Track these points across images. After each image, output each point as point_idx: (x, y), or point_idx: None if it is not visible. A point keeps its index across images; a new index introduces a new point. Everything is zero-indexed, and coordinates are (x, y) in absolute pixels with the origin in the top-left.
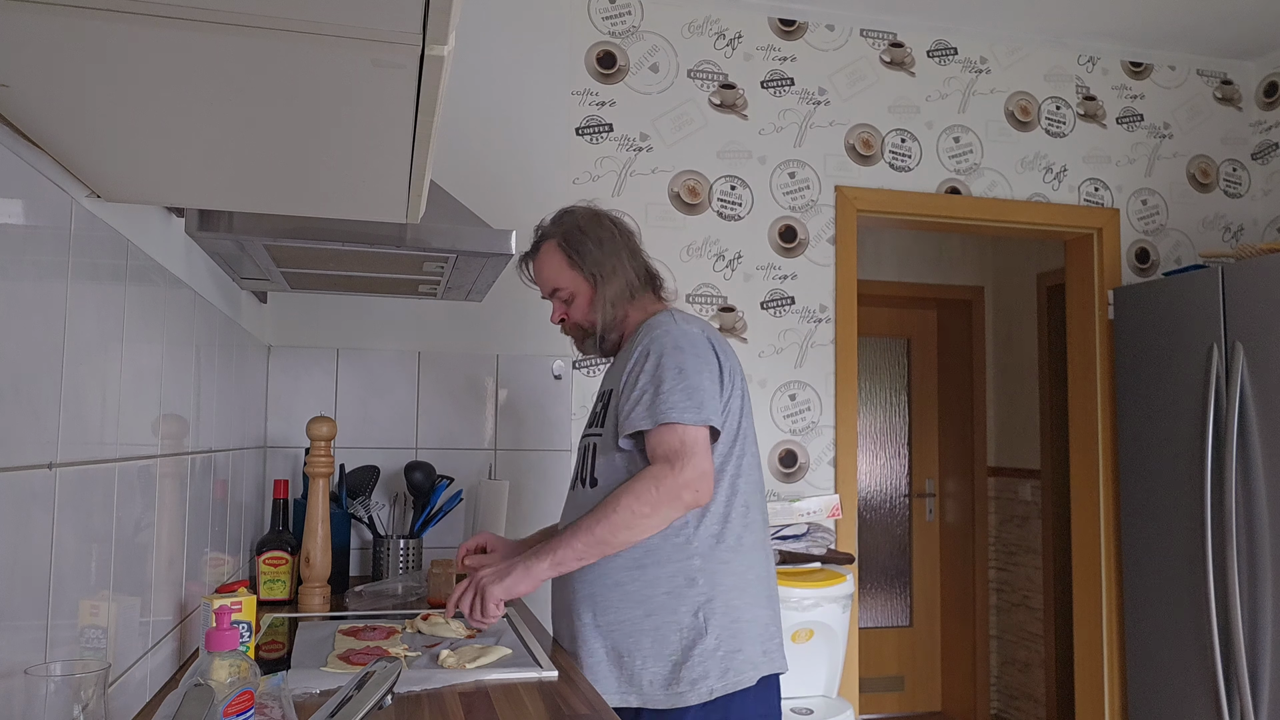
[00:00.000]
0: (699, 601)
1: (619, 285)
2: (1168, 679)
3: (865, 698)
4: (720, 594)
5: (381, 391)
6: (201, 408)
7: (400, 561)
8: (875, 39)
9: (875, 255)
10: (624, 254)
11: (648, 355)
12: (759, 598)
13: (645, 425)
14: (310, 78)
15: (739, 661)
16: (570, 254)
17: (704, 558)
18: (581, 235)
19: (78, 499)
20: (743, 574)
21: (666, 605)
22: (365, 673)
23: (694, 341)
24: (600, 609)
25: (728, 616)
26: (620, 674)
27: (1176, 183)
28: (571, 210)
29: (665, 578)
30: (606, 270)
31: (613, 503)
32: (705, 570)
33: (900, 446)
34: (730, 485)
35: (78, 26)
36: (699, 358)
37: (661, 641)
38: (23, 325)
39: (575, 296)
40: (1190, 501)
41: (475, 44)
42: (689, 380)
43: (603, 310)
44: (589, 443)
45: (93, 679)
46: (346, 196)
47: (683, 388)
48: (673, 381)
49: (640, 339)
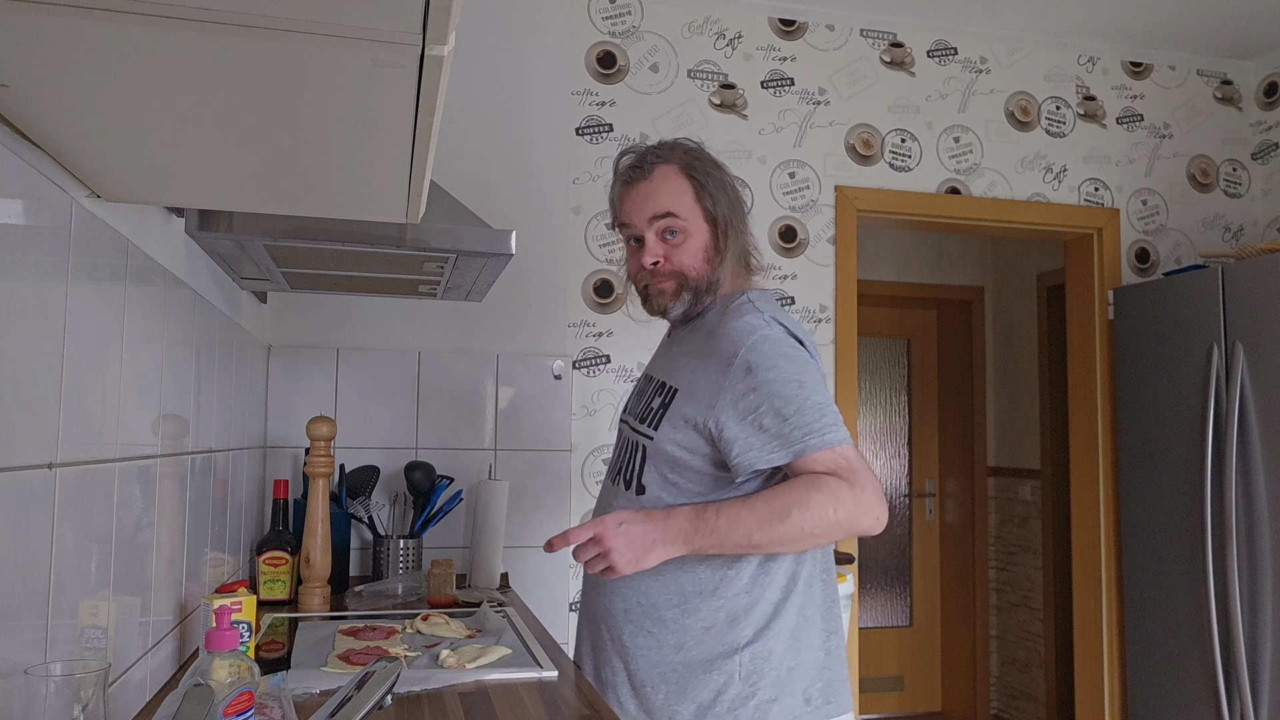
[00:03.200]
0: (738, 644)
1: (740, 247)
2: (1168, 679)
3: (865, 698)
4: (764, 638)
5: (381, 391)
6: (201, 408)
7: (400, 561)
8: (875, 39)
9: (875, 255)
10: (744, 213)
11: (749, 371)
12: (812, 640)
13: (782, 459)
14: (310, 78)
15: (774, 713)
16: (699, 186)
17: (751, 595)
18: (714, 173)
19: (78, 499)
20: (791, 615)
21: (702, 642)
22: (365, 673)
23: (795, 348)
24: (628, 631)
25: (769, 664)
26: (640, 704)
27: (1176, 183)
28: (691, 145)
29: (708, 611)
30: (736, 221)
31: (782, 510)
32: (752, 611)
33: (900, 446)
34: None
35: (78, 26)
36: (807, 366)
37: (688, 680)
38: (23, 325)
39: (690, 237)
40: (1190, 501)
41: (475, 44)
42: (814, 396)
43: (719, 261)
44: (636, 441)
45: (93, 679)
46: (346, 196)
47: (811, 406)
48: (799, 402)
49: (724, 332)
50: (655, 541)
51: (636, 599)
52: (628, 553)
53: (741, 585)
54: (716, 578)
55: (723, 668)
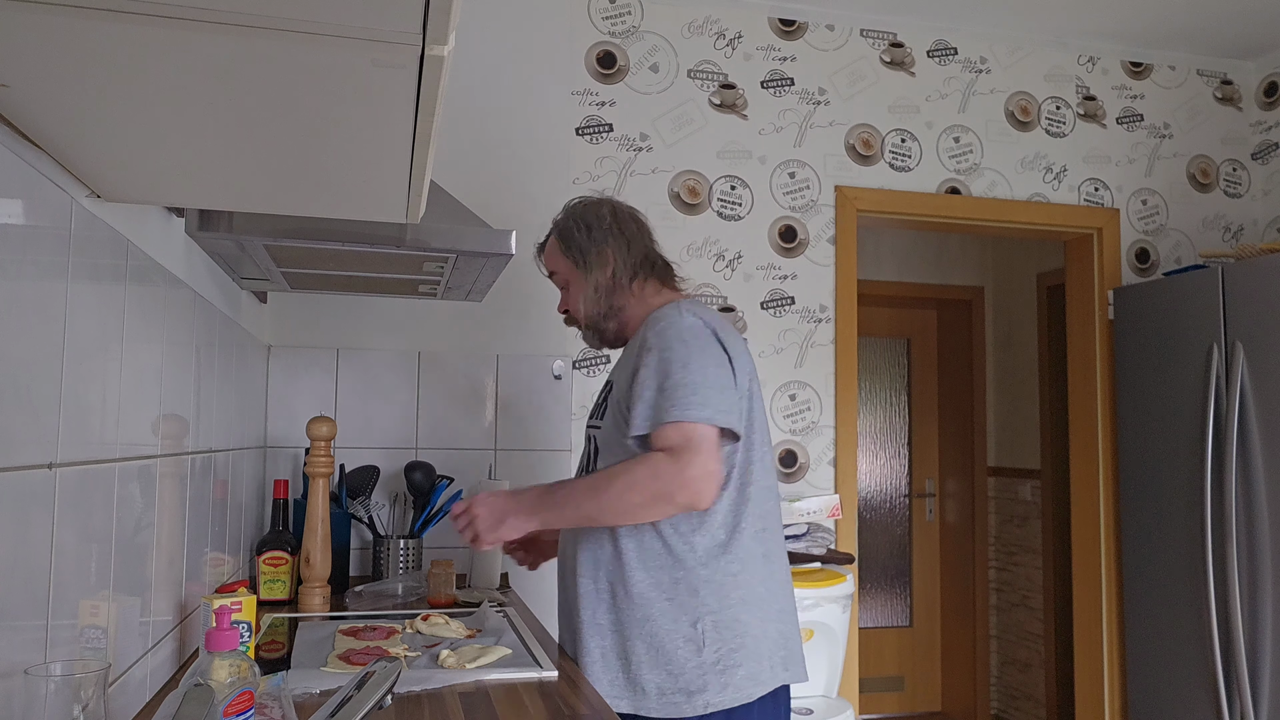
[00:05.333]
0: (700, 613)
1: (606, 273)
2: (1168, 679)
3: (865, 698)
4: (726, 607)
5: (381, 391)
6: (201, 408)
7: (400, 561)
8: (875, 39)
9: (875, 255)
10: (617, 241)
11: (648, 350)
12: (769, 611)
13: (645, 429)
14: (310, 78)
15: (739, 678)
16: (561, 240)
17: (709, 568)
18: (574, 222)
19: (78, 499)
20: (751, 586)
21: (667, 613)
22: (365, 673)
23: (697, 334)
24: (601, 608)
25: (731, 631)
26: (616, 677)
27: (1176, 183)
28: (577, 199)
29: (668, 584)
30: (592, 256)
31: (608, 482)
32: (710, 581)
33: (900, 446)
34: (739, 491)
35: (78, 26)
36: (704, 352)
37: (658, 649)
38: (23, 325)
39: (570, 284)
40: (1190, 501)
41: (475, 44)
42: (692, 376)
43: (587, 298)
44: (591, 434)
45: (93, 679)
46: (346, 196)
47: (687, 384)
48: (677, 378)
49: (642, 332)
50: (508, 513)
51: (599, 574)
52: (486, 521)
53: (698, 558)
54: (673, 553)
55: (690, 636)
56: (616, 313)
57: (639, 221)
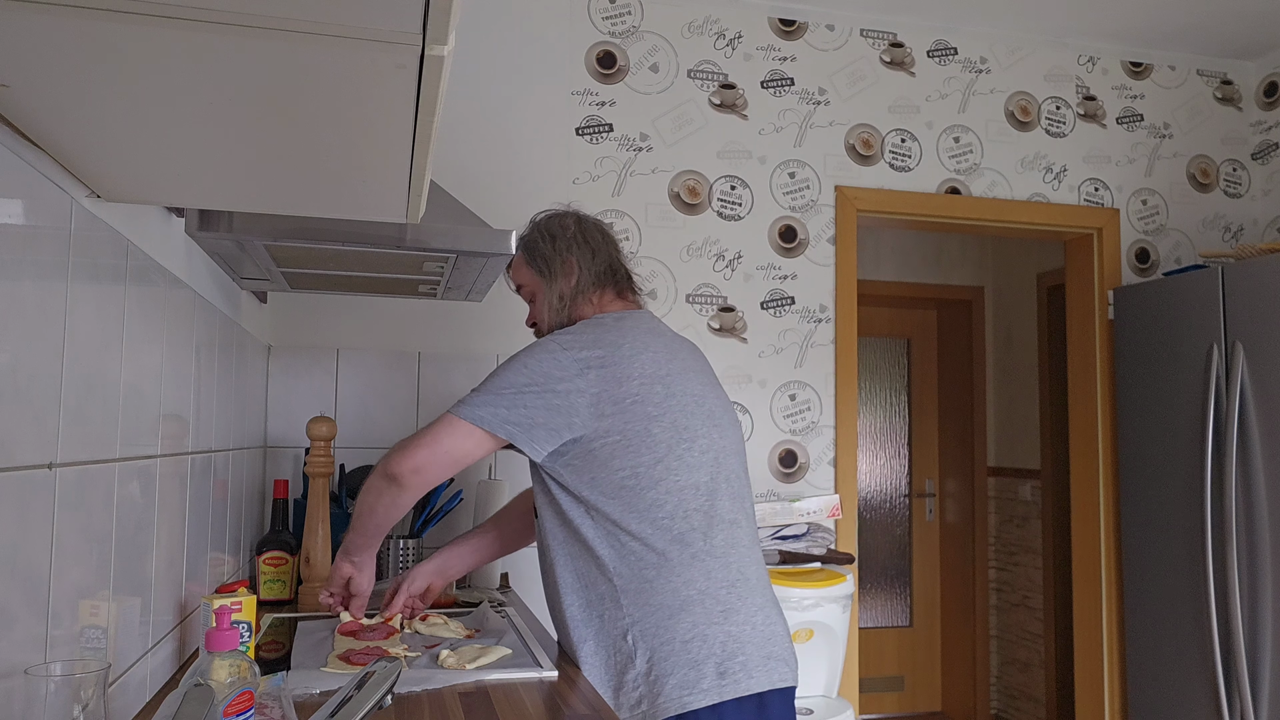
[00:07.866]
0: (626, 625)
1: (570, 282)
2: (1168, 679)
3: (865, 698)
4: (649, 615)
5: (381, 391)
6: (201, 408)
7: (400, 561)
8: (875, 39)
9: (875, 255)
10: (582, 250)
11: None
12: (708, 614)
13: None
14: (310, 78)
15: (669, 687)
16: (526, 251)
17: (625, 578)
18: (540, 233)
19: (78, 499)
20: (677, 591)
21: (602, 628)
22: (365, 673)
23: (540, 352)
24: (561, 619)
25: (657, 639)
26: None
27: (1176, 183)
28: (542, 212)
29: (596, 599)
30: (557, 266)
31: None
32: (628, 591)
33: (900, 446)
34: (649, 499)
35: (78, 26)
36: (528, 368)
37: (602, 661)
38: (23, 325)
39: (535, 296)
40: (1190, 501)
41: (475, 44)
42: (493, 380)
43: (551, 307)
44: None
45: (93, 679)
46: (346, 196)
47: (487, 386)
48: (485, 384)
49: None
50: (340, 565)
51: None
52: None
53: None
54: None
55: (621, 648)
56: (576, 322)
57: (604, 231)
